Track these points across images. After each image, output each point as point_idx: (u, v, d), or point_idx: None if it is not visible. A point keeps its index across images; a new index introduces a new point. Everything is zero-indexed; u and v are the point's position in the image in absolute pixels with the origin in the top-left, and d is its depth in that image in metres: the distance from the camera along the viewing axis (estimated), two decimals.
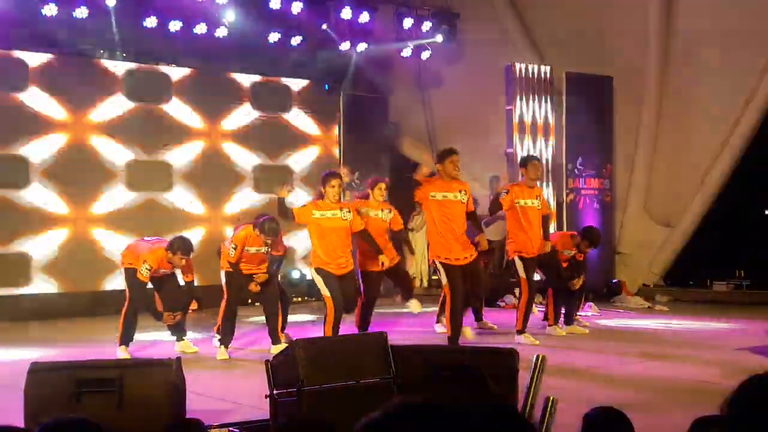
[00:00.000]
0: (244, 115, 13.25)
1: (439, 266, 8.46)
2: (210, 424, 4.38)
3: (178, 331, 8.50)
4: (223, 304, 8.41)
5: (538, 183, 9.56)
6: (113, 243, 11.51)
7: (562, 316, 9.52)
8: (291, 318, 9.32)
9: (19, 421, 4.09)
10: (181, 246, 8.16)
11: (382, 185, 8.92)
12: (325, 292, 8.07)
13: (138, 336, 8.42)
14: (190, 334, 8.78)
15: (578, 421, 3.24)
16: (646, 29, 13.05)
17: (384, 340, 4.85)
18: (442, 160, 8.60)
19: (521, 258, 8.89)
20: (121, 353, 8.00)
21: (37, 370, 4.36)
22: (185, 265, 8.26)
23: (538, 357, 3.95)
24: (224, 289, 8.47)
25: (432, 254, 8.64)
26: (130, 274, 8.19)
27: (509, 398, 4.46)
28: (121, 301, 8.32)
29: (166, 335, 8.73)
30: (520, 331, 8.81)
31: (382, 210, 8.84)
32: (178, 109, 12.60)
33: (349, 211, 8.25)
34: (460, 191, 8.49)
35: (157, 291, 8.49)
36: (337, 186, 8.20)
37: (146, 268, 8.02)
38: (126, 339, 8.13)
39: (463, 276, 8.40)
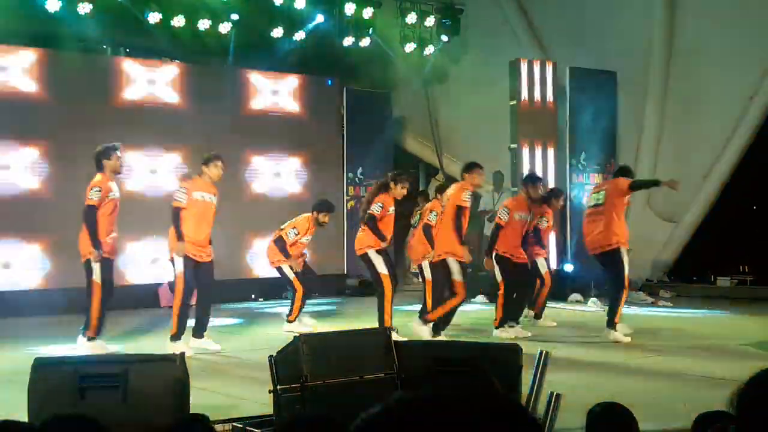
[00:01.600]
0: (247, 110, 13.24)
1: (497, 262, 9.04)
2: (214, 420, 4.38)
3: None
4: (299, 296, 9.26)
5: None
6: None
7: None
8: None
9: (24, 417, 4.10)
10: (113, 146, 8.20)
11: (407, 185, 9.25)
12: (382, 270, 8.63)
13: (137, 335, 8.41)
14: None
15: (582, 416, 3.24)
16: (650, 25, 13.04)
17: (387, 336, 4.85)
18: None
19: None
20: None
21: (40, 365, 4.36)
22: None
23: (542, 352, 3.95)
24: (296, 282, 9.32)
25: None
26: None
27: (513, 393, 4.46)
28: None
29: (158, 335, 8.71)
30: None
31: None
32: (181, 105, 12.60)
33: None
34: None
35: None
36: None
37: (96, 191, 7.88)
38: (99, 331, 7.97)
39: None
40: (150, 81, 12.40)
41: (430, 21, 13.82)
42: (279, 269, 9.58)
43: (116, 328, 8.90)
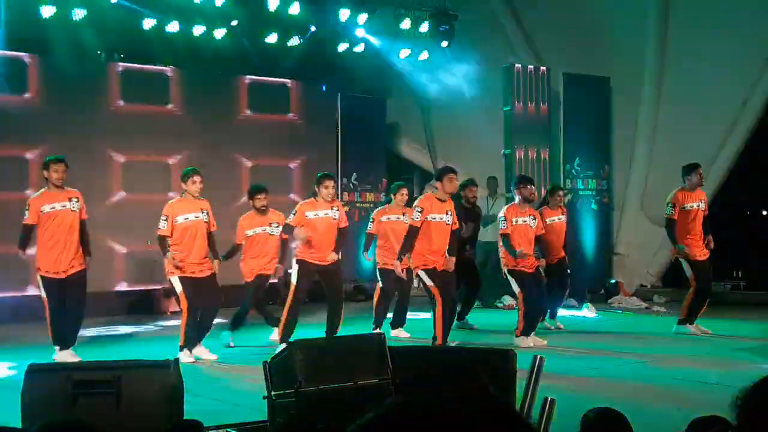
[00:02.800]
0: (242, 116, 13.24)
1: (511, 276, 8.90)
2: (208, 426, 4.37)
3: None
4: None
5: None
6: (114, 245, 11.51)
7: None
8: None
9: (17, 423, 4.09)
10: (53, 158, 8.12)
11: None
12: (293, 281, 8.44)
13: (134, 337, 8.40)
14: None
15: (576, 421, 3.24)
16: (644, 30, 13.07)
17: (382, 341, 4.84)
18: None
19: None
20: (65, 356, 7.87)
21: (34, 371, 4.35)
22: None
23: (536, 358, 3.95)
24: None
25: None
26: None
27: (507, 399, 4.46)
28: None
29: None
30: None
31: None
32: (176, 110, 12.60)
33: (338, 210, 8.66)
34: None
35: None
36: (331, 187, 8.50)
37: (26, 210, 7.98)
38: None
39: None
40: (145, 87, 12.40)
41: (424, 27, 13.84)
42: None
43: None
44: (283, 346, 7.94)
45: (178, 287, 7.97)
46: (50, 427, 2.10)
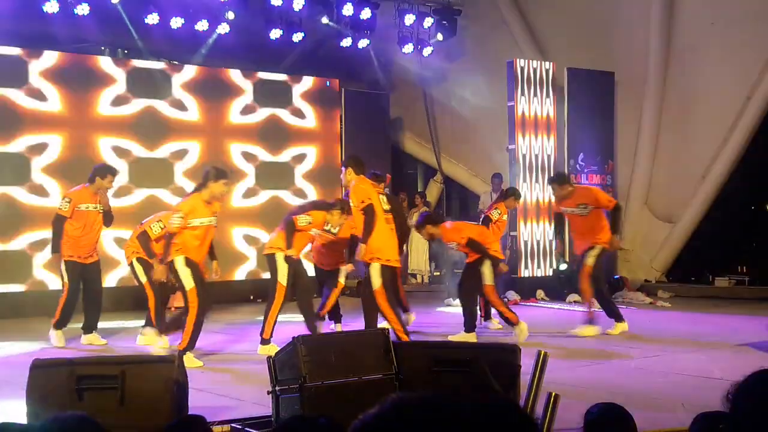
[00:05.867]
0: (245, 111, 13.23)
1: None
2: (212, 421, 4.38)
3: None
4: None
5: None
6: (115, 240, 11.54)
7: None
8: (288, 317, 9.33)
9: (21, 418, 4.10)
10: (112, 170, 8.78)
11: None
12: (281, 280, 8.14)
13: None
14: None
15: (580, 416, 3.25)
16: (648, 26, 13.04)
17: (386, 337, 4.85)
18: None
19: None
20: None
21: (38, 367, 4.36)
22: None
23: (540, 353, 3.95)
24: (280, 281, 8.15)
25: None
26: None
27: (511, 394, 4.46)
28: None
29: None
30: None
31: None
32: (179, 106, 12.59)
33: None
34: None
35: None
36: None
37: (66, 202, 8.45)
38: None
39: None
40: (149, 82, 12.38)
41: (428, 22, 13.82)
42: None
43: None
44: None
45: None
46: (55, 422, 2.11)
